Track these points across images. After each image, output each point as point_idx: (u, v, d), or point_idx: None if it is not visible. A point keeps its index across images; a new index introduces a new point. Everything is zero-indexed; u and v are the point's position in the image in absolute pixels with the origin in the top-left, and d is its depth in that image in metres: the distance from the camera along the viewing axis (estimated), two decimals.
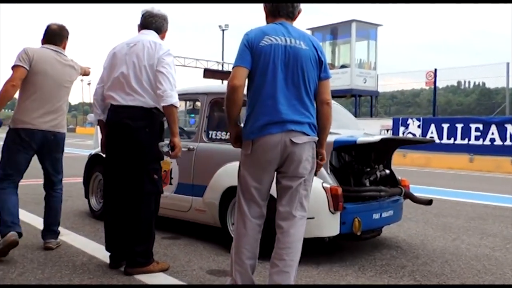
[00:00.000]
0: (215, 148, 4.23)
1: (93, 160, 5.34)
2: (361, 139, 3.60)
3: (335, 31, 22.08)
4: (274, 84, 2.57)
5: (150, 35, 3.38)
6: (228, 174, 3.92)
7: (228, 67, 29.97)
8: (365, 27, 21.25)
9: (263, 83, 2.58)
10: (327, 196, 3.51)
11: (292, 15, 2.73)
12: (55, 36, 3.93)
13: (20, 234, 3.61)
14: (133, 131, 3.23)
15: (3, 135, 3.97)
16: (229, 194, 3.91)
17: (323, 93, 2.70)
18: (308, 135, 2.63)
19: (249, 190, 2.68)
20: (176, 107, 3.22)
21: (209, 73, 28.50)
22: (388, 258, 3.95)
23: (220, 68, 30.11)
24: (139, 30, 3.50)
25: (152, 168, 3.31)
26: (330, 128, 2.77)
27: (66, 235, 4.38)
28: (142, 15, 3.48)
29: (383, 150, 4.14)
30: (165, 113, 3.24)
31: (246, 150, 2.64)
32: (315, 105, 2.70)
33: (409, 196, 4.21)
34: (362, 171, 4.00)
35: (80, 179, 5.71)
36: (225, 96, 2.61)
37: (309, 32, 24.58)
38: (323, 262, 3.74)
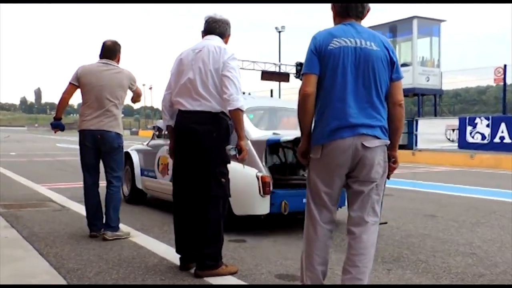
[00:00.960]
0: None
1: (125, 156, 5.80)
2: (283, 138, 4.51)
3: (394, 29, 21.46)
4: (344, 87, 2.52)
5: (215, 40, 3.43)
6: None
7: (285, 69, 29.96)
8: (427, 24, 20.52)
9: (333, 87, 2.53)
10: (258, 183, 4.39)
11: (361, 15, 2.67)
12: (108, 51, 4.50)
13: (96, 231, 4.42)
14: (201, 136, 3.29)
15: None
16: None
17: (396, 94, 2.62)
18: (379, 138, 2.56)
19: (319, 195, 2.64)
20: (242, 110, 3.26)
21: (266, 75, 28.64)
22: (463, 266, 3.77)
23: (277, 70, 30.11)
24: (203, 36, 3.56)
25: (220, 172, 3.35)
26: (402, 130, 2.69)
27: (137, 237, 4.52)
28: (206, 21, 3.54)
29: None
30: (232, 117, 3.28)
31: (316, 155, 2.61)
32: (386, 107, 2.62)
33: None
34: (298, 164, 4.77)
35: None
36: (297, 104, 2.59)
37: None
38: (394, 268, 3.63)
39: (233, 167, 3.77)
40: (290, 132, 4.68)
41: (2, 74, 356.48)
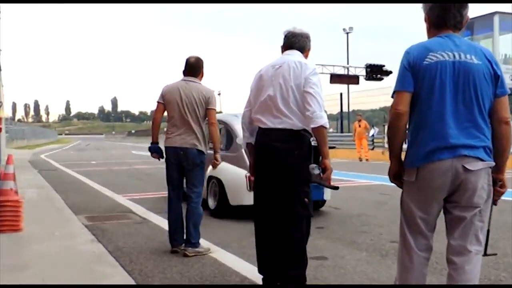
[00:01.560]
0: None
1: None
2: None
3: (471, 26, 20.30)
4: (442, 106, 2.33)
5: (295, 55, 3.34)
6: None
7: (354, 71, 29.38)
8: (509, 19, 19.25)
9: (430, 105, 2.34)
10: (246, 181, 5.82)
11: (459, 25, 2.46)
12: (191, 68, 4.59)
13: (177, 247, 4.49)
14: (282, 154, 3.19)
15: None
16: None
17: (501, 111, 2.38)
18: (483, 160, 2.33)
19: (415, 221, 2.46)
20: (325, 128, 3.13)
21: (335, 79, 28.27)
22: None
23: (346, 73, 29.60)
24: (282, 51, 3.49)
25: (303, 192, 3.24)
26: (510, 150, 2.44)
27: (216, 252, 4.52)
28: (285, 36, 3.45)
29: None
30: (315, 135, 3.17)
31: (410, 177, 2.43)
32: (490, 125, 2.39)
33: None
34: None
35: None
36: (389, 124, 2.44)
37: None
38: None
39: (226, 167, 5.59)
40: None
41: (82, 85, 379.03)
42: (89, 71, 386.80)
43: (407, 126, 2.44)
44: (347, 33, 43.45)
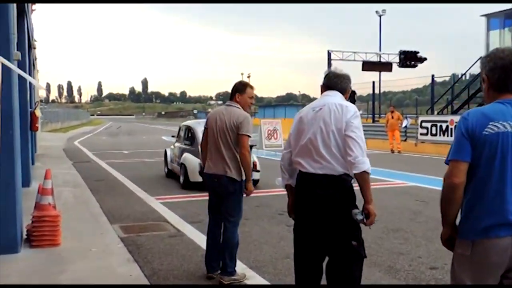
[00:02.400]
0: None
1: None
2: None
3: None
4: (502, 180, 2.18)
5: (336, 97, 3.22)
6: None
7: (387, 58, 28.70)
8: None
9: (488, 179, 2.20)
10: (198, 167, 8.34)
11: None
12: (232, 92, 4.55)
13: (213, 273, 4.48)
14: (323, 200, 3.09)
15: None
16: None
17: None
18: None
19: None
20: (368, 173, 3.02)
21: (368, 66, 27.72)
22: None
23: (378, 59, 28.95)
24: (322, 91, 3.37)
25: (349, 235, 3.13)
26: None
27: (252, 278, 4.50)
28: (326, 76, 3.35)
29: None
30: (357, 180, 3.05)
31: (464, 251, 2.30)
32: None
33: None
34: None
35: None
36: (442, 194, 2.30)
37: (483, 19, 22.06)
38: None
39: (189, 157, 9.46)
40: None
41: (113, 66, 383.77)
42: (120, 52, 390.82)
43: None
44: (380, 16, 42.38)
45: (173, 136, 12.46)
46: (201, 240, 5.74)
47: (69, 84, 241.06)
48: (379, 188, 9.47)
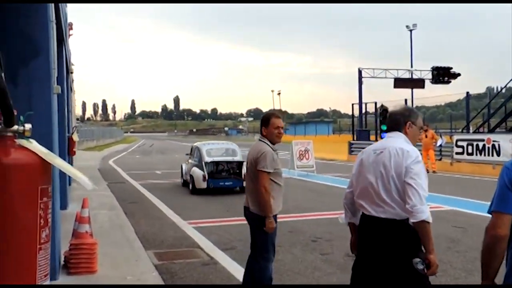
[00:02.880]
0: None
1: None
2: (214, 159, 13.21)
3: None
4: None
5: (398, 140, 3.14)
6: None
7: (420, 74, 28.34)
8: None
9: None
10: (203, 177, 12.60)
11: None
12: (260, 125, 4.57)
13: None
14: (385, 245, 3.03)
15: None
16: None
17: None
18: None
19: None
20: (428, 222, 2.89)
21: (400, 83, 27.45)
22: None
23: (410, 76, 28.63)
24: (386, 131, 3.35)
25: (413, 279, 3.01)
26: None
27: None
28: (388, 116, 3.33)
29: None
30: (416, 229, 2.94)
31: None
32: None
33: None
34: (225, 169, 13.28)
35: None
36: (484, 245, 2.24)
37: None
38: None
39: (197, 170, 13.03)
40: (219, 158, 13.36)
41: (146, 84, 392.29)
42: (153, 70, 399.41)
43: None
44: (411, 31, 41.96)
45: (187, 154, 15.50)
46: (234, 269, 5.76)
47: (104, 102, 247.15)
48: None
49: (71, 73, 15.86)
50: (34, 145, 2.09)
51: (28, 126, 2.11)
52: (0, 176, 1.96)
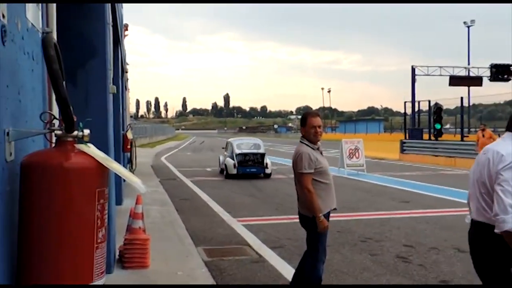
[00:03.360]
0: None
1: None
2: (243, 152, 16.59)
3: None
4: None
5: (505, 142, 2.96)
6: None
7: (477, 72, 27.20)
8: None
9: None
10: (233, 165, 16.11)
11: None
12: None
13: None
14: (480, 250, 2.97)
15: None
16: None
17: None
18: None
19: None
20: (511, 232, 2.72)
21: (455, 81, 26.45)
22: None
23: (466, 73, 27.52)
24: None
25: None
26: None
27: None
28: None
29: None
30: (504, 239, 2.78)
31: None
32: None
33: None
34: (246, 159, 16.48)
35: None
36: None
37: None
38: None
39: (229, 160, 16.62)
40: (247, 150, 16.69)
41: (197, 83, 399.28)
42: (204, 68, 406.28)
43: None
44: (468, 27, 40.42)
45: (223, 148, 19.01)
46: (282, 267, 5.78)
47: (156, 100, 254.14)
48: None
49: (126, 72, 16.39)
50: (92, 150, 2.18)
51: (86, 131, 2.21)
52: (60, 179, 2.05)
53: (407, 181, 15.13)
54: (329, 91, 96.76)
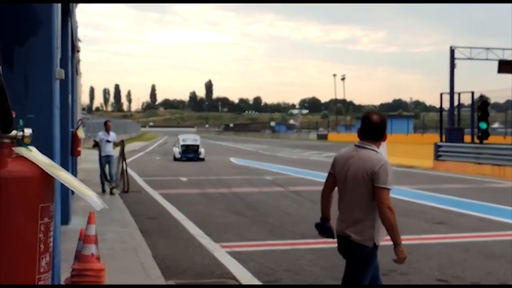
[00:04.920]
0: None
1: None
2: (185, 143, 33.72)
3: None
4: None
5: None
6: None
7: None
8: None
9: None
10: (179, 151, 33.07)
11: None
12: (371, 129, 4.51)
13: None
14: None
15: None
16: None
17: None
18: None
19: None
20: None
21: (506, 67, 26.72)
22: None
23: None
24: None
25: None
26: None
27: None
28: None
29: None
30: None
31: None
32: None
33: None
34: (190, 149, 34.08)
35: None
36: None
37: None
38: None
39: (174, 149, 34.31)
40: (187, 143, 33.65)
41: (171, 66, 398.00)
42: (179, 49, 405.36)
43: None
44: None
45: (173, 145, 34.31)
46: None
47: (117, 88, 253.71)
48: None
49: (77, 52, 16.39)
50: (35, 155, 2.17)
51: (28, 131, 2.20)
52: None
53: (443, 196, 15.26)
54: (342, 79, 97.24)
